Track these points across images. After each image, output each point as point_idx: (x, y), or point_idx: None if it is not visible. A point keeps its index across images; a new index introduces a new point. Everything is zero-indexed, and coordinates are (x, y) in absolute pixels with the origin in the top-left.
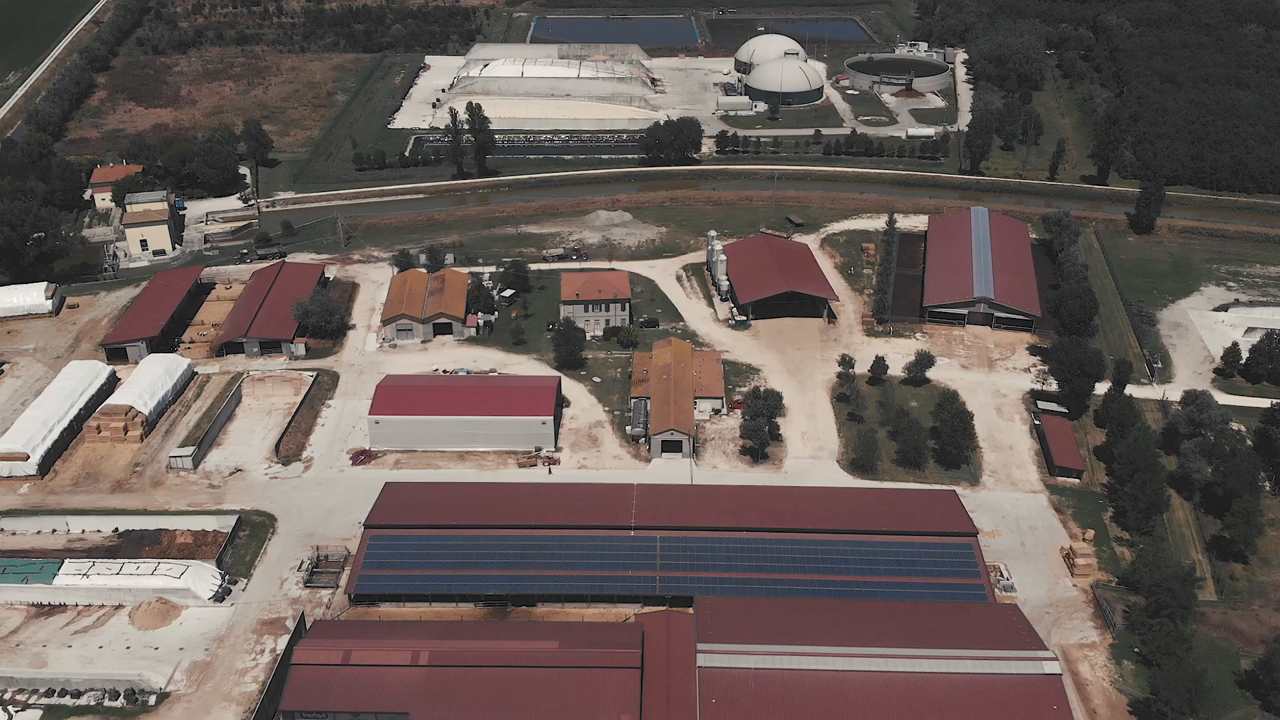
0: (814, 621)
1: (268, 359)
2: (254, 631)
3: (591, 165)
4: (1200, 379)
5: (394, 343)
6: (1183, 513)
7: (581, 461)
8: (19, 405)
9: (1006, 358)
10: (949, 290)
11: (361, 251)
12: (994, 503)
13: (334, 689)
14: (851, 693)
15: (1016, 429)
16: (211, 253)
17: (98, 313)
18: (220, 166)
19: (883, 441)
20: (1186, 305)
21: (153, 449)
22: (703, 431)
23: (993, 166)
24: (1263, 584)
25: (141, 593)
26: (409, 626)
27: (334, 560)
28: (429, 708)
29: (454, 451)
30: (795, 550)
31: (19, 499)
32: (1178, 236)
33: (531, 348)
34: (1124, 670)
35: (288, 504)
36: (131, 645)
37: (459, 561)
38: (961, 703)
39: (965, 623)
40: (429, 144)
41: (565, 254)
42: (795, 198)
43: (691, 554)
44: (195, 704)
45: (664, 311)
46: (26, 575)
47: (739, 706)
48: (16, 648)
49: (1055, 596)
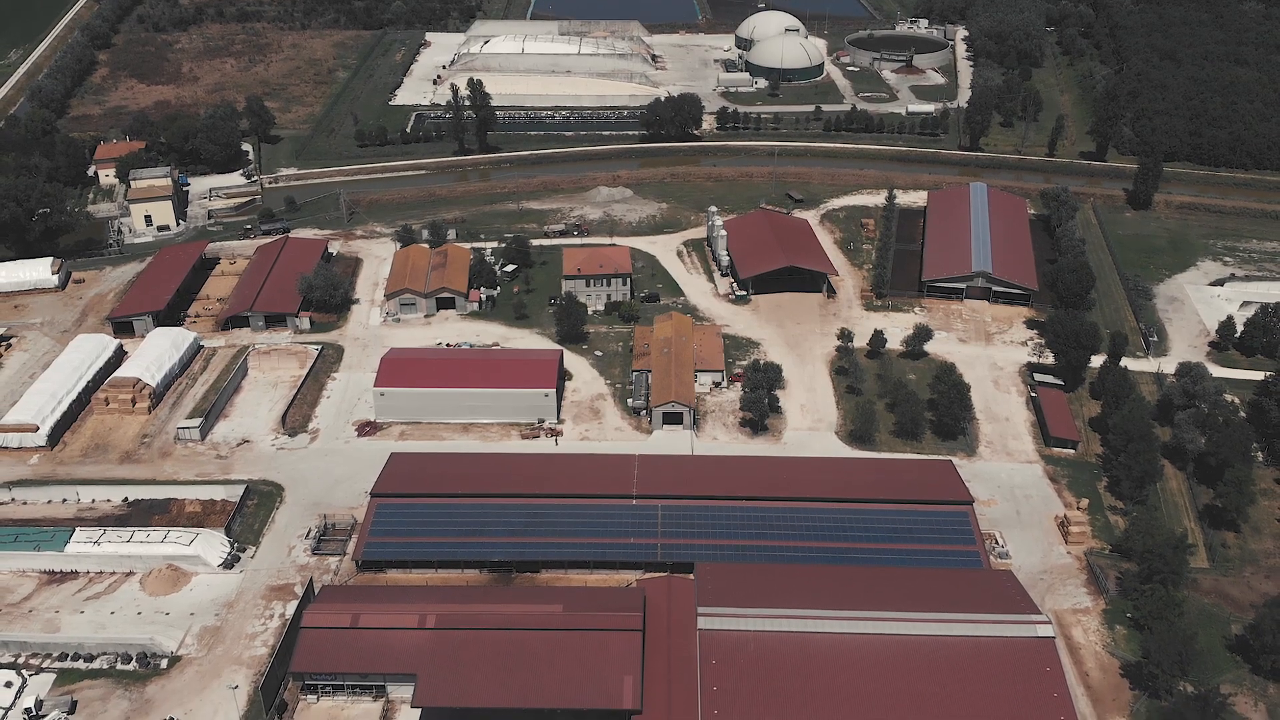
0: (812, 586)
1: (273, 333)
2: (263, 597)
3: (592, 141)
4: (1195, 352)
5: (397, 317)
6: (1176, 482)
7: (584, 433)
8: (27, 378)
9: (1004, 331)
10: (947, 265)
11: (364, 227)
12: (990, 473)
13: (343, 651)
14: (848, 654)
15: (1013, 401)
16: (215, 228)
17: (103, 287)
18: (223, 143)
19: (881, 413)
20: (1183, 280)
21: (160, 420)
22: (703, 404)
23: (992, 143)
24: (1254, 551)
25: (152, 560)
26: (415, 591)
27: (341, 528)
28: (436, 669)
29: (458, 423)
30: (794, 518)
31: (29, 469)
32: (1175, 212)
33: (533, 322)
34: (1116, 634)
35: (295, 474)
36: (143, 611)
37: (464, 529)
38: (956, 664)
39: (960, 588)
40: (430, 121)
41: (566, 230)
42: (795, 174)
43: (692, 522)
44: (206, 667)
45: (665, 287)
46: (38, 543)
47: (738, 667)
48: (29, 614)
49: (1049, 563)
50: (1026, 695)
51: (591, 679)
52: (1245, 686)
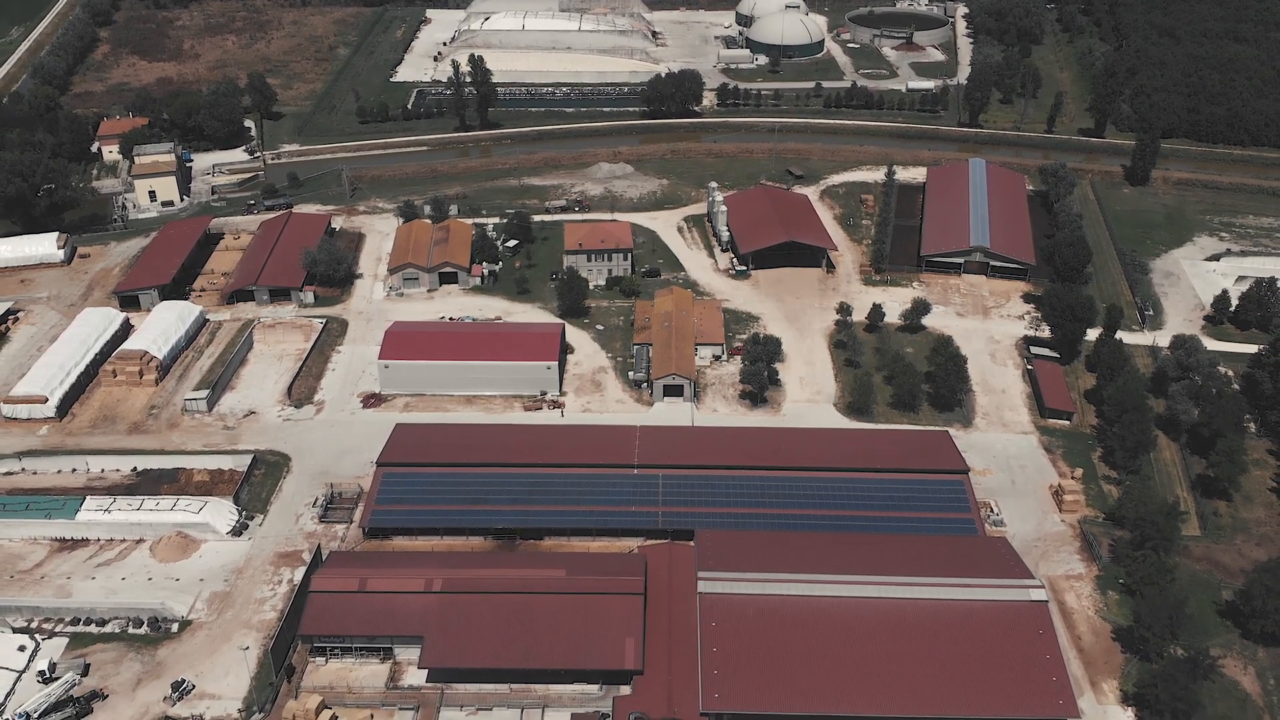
0: (810, 553)
1: (277, 306)
2: (271, 563)
3: (593, 118)
4: (1190, 326)
5: (401, 291)
6: (1169, 453)
7: (585, 405)
8: (35, 351)
9: (1001, 305)
10: (946, 240)
11: (366, 202)
12: (986, 443)
13: (351, 614)
14: (844, 616)
15: (1009, 373)
16: (219, 204)
17: (109, 262)
18: (225, 119)
19: (879, 386)
20: (1179, 255)
21: (168, 392)
22: (703, 377)
23: (991, 119)
24: (1245, 520)
25: (162, 527)
26: (422, 557)
27: (347, 497)
28: (443, 631)
29: (461, 396)
30: (792, 487)
31: (39, 440)
32: (1172, 188)
33: (535, 297)
34: (1108, 600)
35: (301, 444)
36: (153, 577)
37: (469, 497)
38: (950, 626)
39: (956, 554)
40: (431, 97)
41: (567, 206)
42: (796, 150)
43: (692, 491)
44: (216, 631)
45: (665, 262)
46: (49, 511)
47: (738, 629)
48: (41, 579)
49: (1043, 531)
50: (1019, 656)
51: (594, 640)
52: (1235, 650)
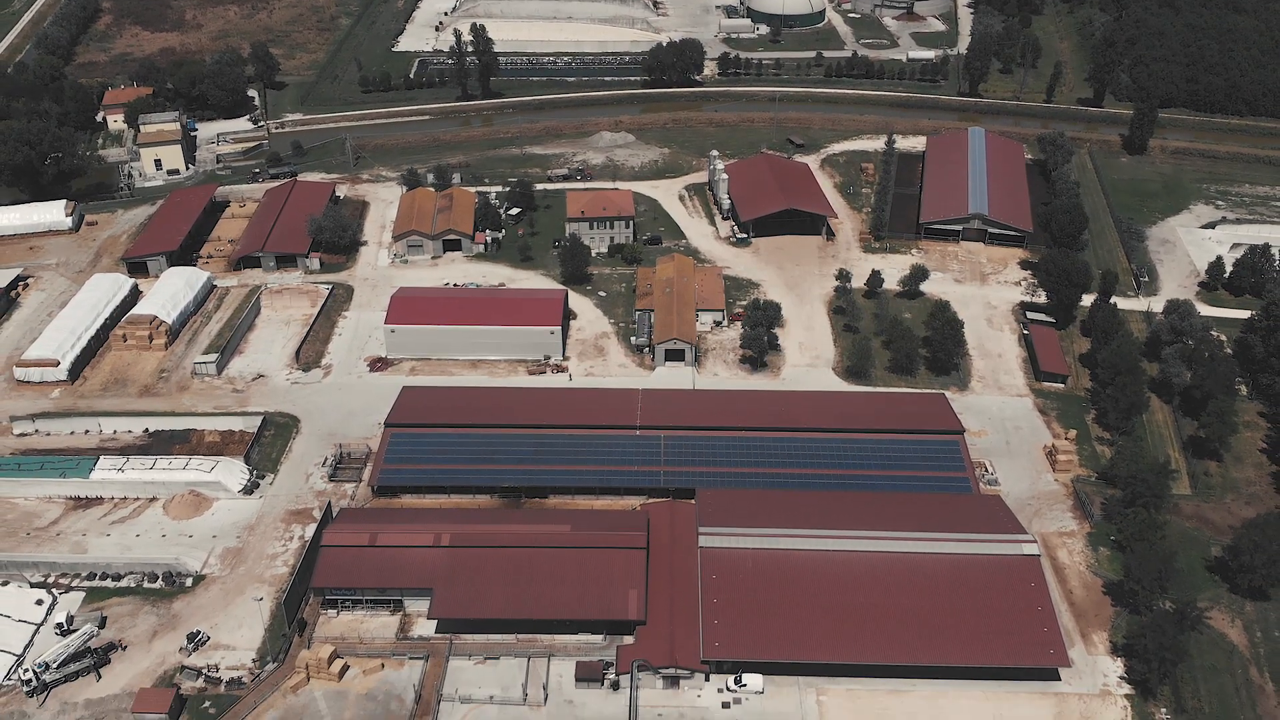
0: (808, 509)
1: (284, 273)
2: (282, 520)
3: (594, 87)
4: (1185, 292)
5: (405, 258)
6: (1162, 415)
7: (588, 370)
8: (45, 316)
9: (998, 272)
10: (945, 207)
11: (370, 171)
12: (981, 406)
13: (362, 568)
14: (842, 569)
15: (1005, 338)
16: (224, 172)
17: (116, 229)
18: (229, 89)
19: (877, 350)
20: (1175, 223)
21: (177, 356)
22: (704, 342)
23: (991, 89)
24: (1235, 479)
25: (174, 486)
26: (430, 513)
27: (356, 457)
28: (451, 583)
29: (466, 360)
30: (791, 447)
31: (51, 403)
32: (1170, 157)
33: (538, 264)
34: (1100, 556)
35: (309, 406)
36: (167, 534)
37: (475, 457)
38: (944, 578)
39: (950, 511)
40: (433, 66)
41: (569, 174)
42: (796, 119)
43: (693, 451)
44: (230, 585)
45: (667, 230)
46: (64, 470)
47: (737, 581)
48: (57, 536)
49: (1037, 490)
50: (1011, 607)
51: (598, 592)
52: (1223, 605)
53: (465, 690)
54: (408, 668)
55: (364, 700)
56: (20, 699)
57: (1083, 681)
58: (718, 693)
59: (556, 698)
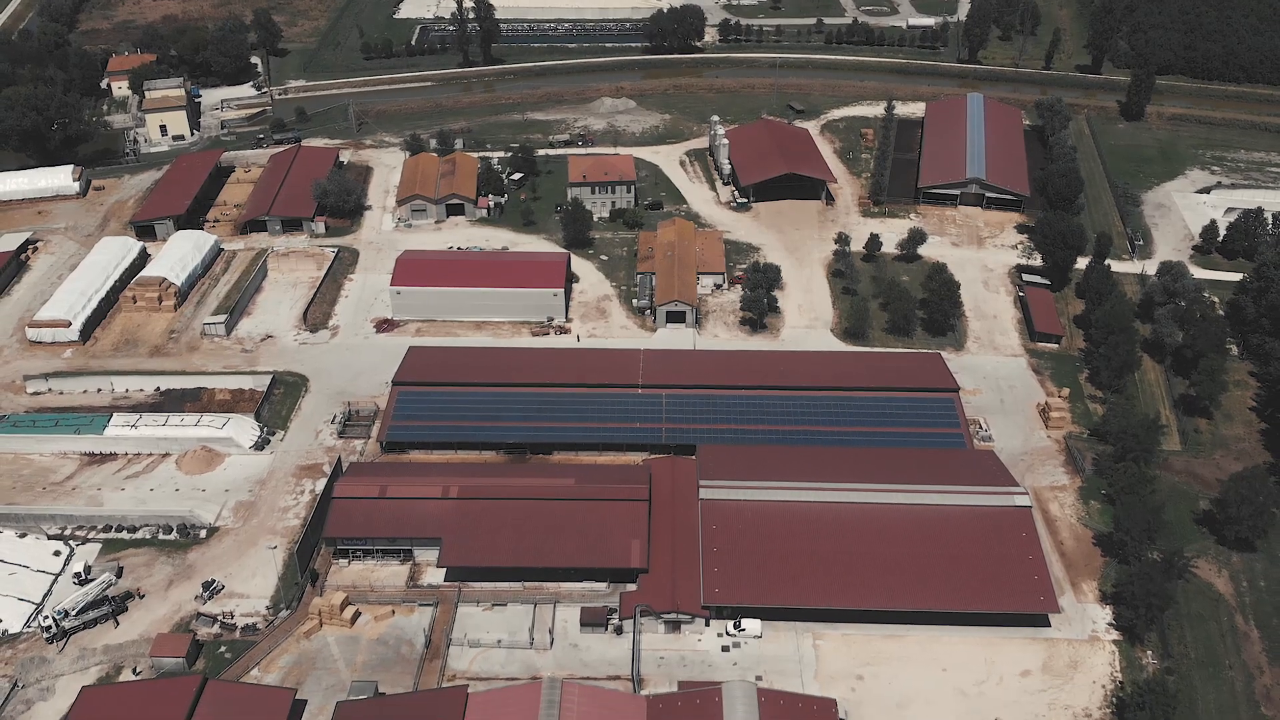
0: (805, 464)
1: (289, 236)
2: (293, 475)
3: (595, 54)
4: (1179, 255)
5: (409, 222)
6: (1154, 374)
7: (591, 331)
8: (55, 279)
9: (995, 235)
10: (943, 172)
11: (373, 137)
12: (977, 365)
13: (372, 518)
14: (837, 519)
15: (1001, 300)
16: (229, 138)
17: (123, 194)
18: (232, 55)
19: (874, 312)
20: (1171, 188)
21: (186, 318)
22: (705, 305)
23: (990, 56)
24: (1225, 437)
25: (187, 442)
26: (438, 467)
27: (364, 415)
28: (460, 533)
29: (471, 322)
30: (790, 405)
31: (64, 362)
32: (1167, 123)
33: (541, 228)
34: (1090, 509)
35: (318, 366)
36: (180, 488)
37: (481, 414)
38: (938, 528)
39: (945, 465)
40: (434, 33)
41: (571, 140)
42: (797, 85)
43: (694, 409)
44: (243, 536)
45: (668, 195)
46: (78, 427)
47: (736, 531)
48: (73, 490)
49: (1030, 446)
50: (1003, 557)
51: (602, 542)
52: (1211, 556)
53: (474, 635)
54: (418, 614)
55: (375, 645)
56: (40, 645)
57: (1072, 628)
58: (717, 637)
59: (562, 641)
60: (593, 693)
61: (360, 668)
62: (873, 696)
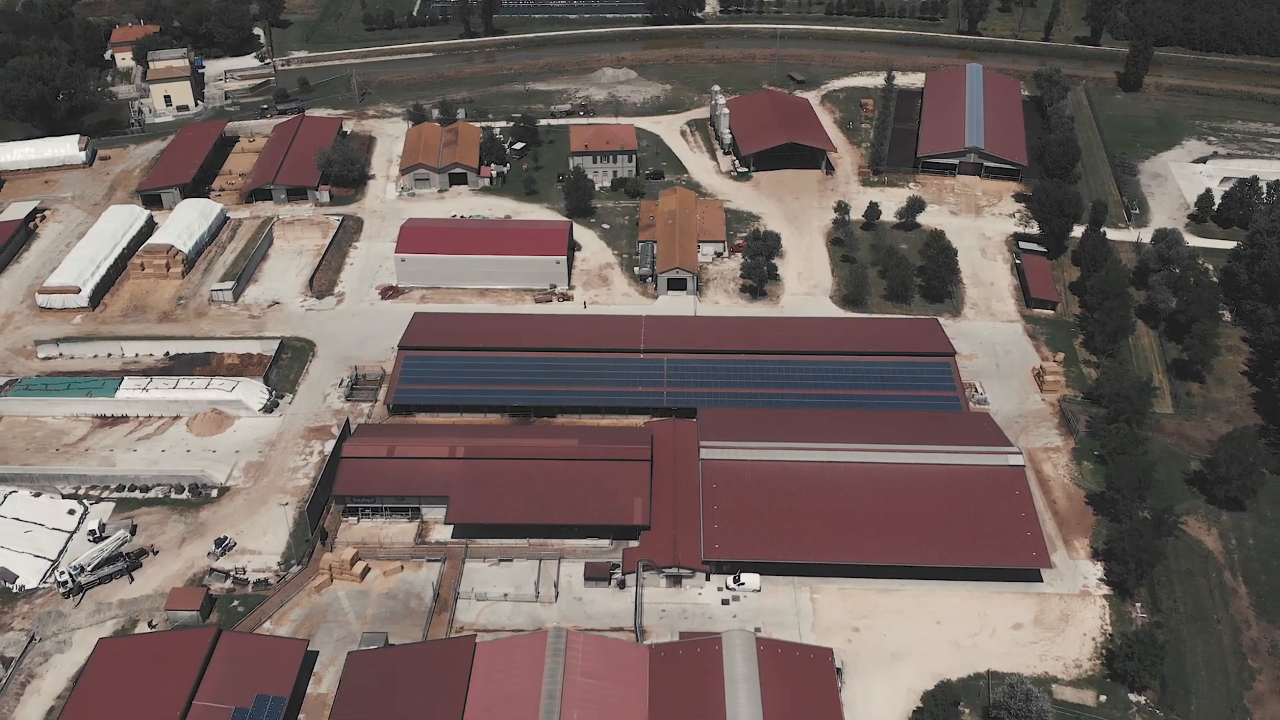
0: (804, 426)
1: (294, 205)
2: (302, 437)
3: (596, 24)
4: (1174, 223)
5: (412, 191)
6: (1148, 339)
7: (593, 298)
8: (64, 247)
9: (993, 204)
10: (942, 141)
11: (376, 107)
12: (973, 331)
13: (380, 477)
14: (834, 478)
15: (998, 268)
16: (233, 108)
17: (129, 163)
18: (235, 26)
19: (873, 279)
20: (1167, 158)
21: (194, 284)
22: (705, 272)
23: (990, 27)
24: (1216, 400)
25: (197, 404)
26: (444, 429)
27: (371, 379)
28: (466, 491)
29: (475, 289)
30: (788, 369)
31: (74, 328)
32: (1164, 94)
33: (543, 197)
34: (1083, 469)
35: (324, 332)
36: (191, 449)
37: (486, 378)
38: (933, 487)
39: (940, 426)
40: (436, 4)
41: (573, 110)
42: (797, 55)
43: (695, 373)
44: (254, 495)
45: (669, 164)
46: (90, 390)
47: (736, 489)
48: (86, 452)
49: (1025, 409)
50: (997, 514)
51: (605, 500)
52: (1200, 515)
53: (481, 589)
54: (426, 569)
55: (385, 599)
56: (57, 600)
57: (1064, 583)
58: (717, 591)
59: (567, 595)
60: (597, 641)
61: (370, 620)
62: (869, 648)
